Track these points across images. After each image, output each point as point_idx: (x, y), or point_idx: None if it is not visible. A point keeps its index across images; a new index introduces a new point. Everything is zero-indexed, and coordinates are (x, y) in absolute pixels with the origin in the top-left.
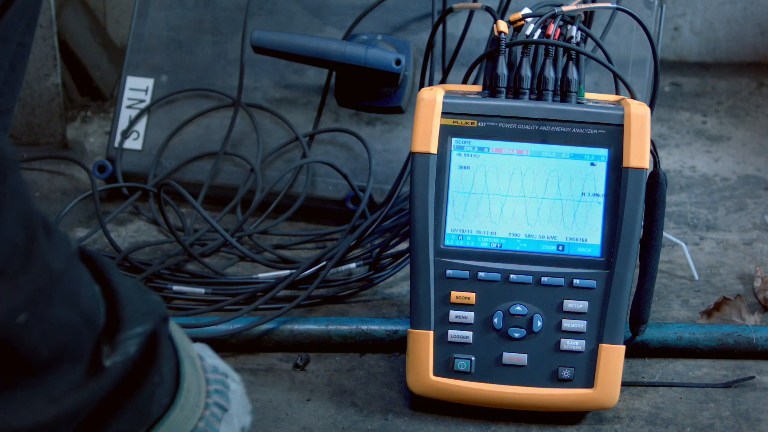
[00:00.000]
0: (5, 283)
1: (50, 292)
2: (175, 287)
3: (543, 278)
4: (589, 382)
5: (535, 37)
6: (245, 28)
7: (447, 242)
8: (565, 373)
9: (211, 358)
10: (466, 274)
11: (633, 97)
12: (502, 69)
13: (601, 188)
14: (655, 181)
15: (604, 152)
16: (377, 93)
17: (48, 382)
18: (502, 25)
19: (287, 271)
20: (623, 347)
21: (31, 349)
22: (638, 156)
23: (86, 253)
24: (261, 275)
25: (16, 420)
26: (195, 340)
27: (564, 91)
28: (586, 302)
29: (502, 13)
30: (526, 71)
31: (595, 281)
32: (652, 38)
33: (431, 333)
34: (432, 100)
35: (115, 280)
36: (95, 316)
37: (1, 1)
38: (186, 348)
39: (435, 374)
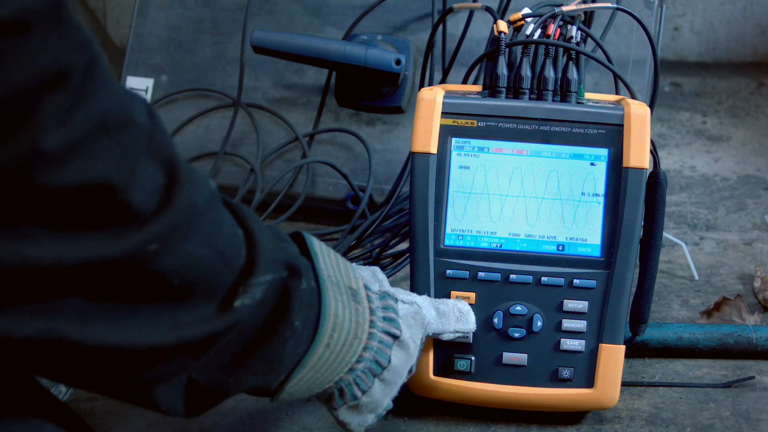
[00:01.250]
0: (141, 222)
1: (186, 228)
2: None
3: (543, 278)
4: (589, 382)
5: (535, 37)
6: (245, 28)
7: (447, 242)
8: (565, 373)
9: (380, 283)
10: (466, 274)
11: (633, 97)
12: (502, 69)
13: (601, 188)
14: (655, 181)
15: (604, 152)
16: (377, 93)
17: (174, 311)
18: (502, 25)
19: None
20: (623, 347)
21: (160, 277)
22: (638, 156)
23: (226, 200)
24: None
25: (134, 337)
26: None
27: (564, 91)
28: (586, 302)
29: (502, 13)
30: (526, 71)
31: (595, 281)
32: (652, 38)
33: None
34: (432, 100)
35: (254, 226)
36: (235, 257)
37: None
38: (341, 283)
39: (435, 374)
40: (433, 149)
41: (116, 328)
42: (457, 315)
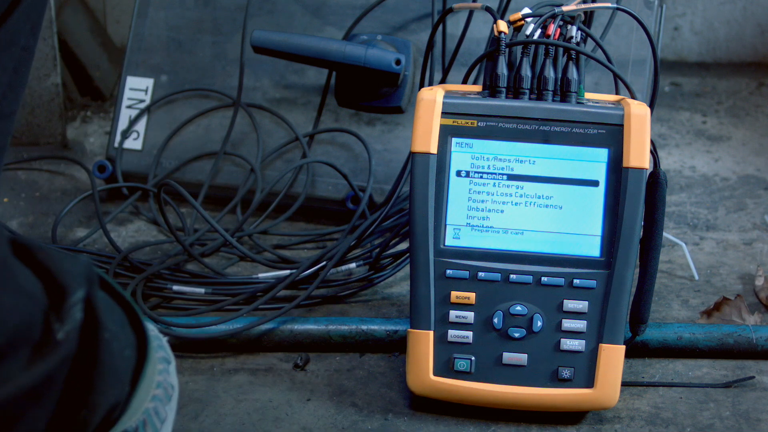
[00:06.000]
0: None
1: None
2: (175, 287)
3: (543, 278)
4: (589, 382)
5: (535, 37)
6: (245, 28)
7: (447, 242)
8: (565, 373)
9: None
10: (466, 274)
11: (633, 97)
12: (502, 69)
13: (601, 188)
14: (655, 181)
15: (604, 152)
16: (377, 93)
17: (2, 365)
18: (502, 25)
19: (287, 271)
20: (623, 347)
21: None
22: (638, 156)
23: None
24: (261, 275)
25: None
26: (194, 340)
27: (564, 91)
28: (586, 302)
29: (502, 13)
30: (526, 71)
31: (595, 281)
32: (652, 38)
33: (431, 333)
34: (432, 100)
35: (40, 254)
36: (38, 294)
37: (6, 5)
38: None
39: (435, 374)
40: (433, 149)
41: None
42: None
